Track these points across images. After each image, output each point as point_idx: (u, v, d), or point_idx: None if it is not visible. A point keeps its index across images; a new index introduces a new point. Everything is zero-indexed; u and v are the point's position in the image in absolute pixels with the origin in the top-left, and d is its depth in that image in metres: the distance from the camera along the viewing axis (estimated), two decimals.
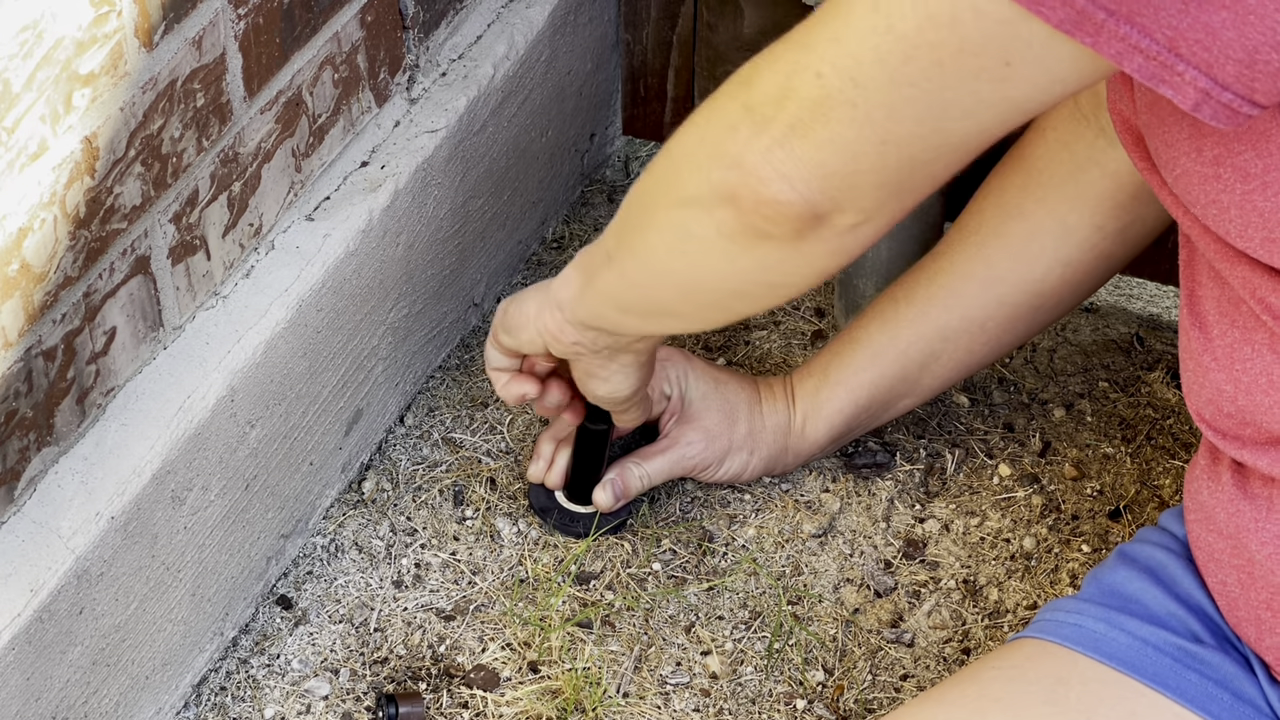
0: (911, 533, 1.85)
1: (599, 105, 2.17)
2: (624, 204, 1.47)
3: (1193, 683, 1.38)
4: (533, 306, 1.63)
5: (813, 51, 1.21)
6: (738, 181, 1.27)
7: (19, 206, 1.37)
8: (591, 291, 1.54)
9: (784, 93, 1.23)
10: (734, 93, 1.28)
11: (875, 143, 1.21)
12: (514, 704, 1.69)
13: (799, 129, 1.23)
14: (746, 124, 1.26)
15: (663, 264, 1.41)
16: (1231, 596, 1.38)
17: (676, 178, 1.34)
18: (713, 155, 1.29)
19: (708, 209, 1.31)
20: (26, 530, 1.48)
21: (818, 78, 1.21)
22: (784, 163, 1.24)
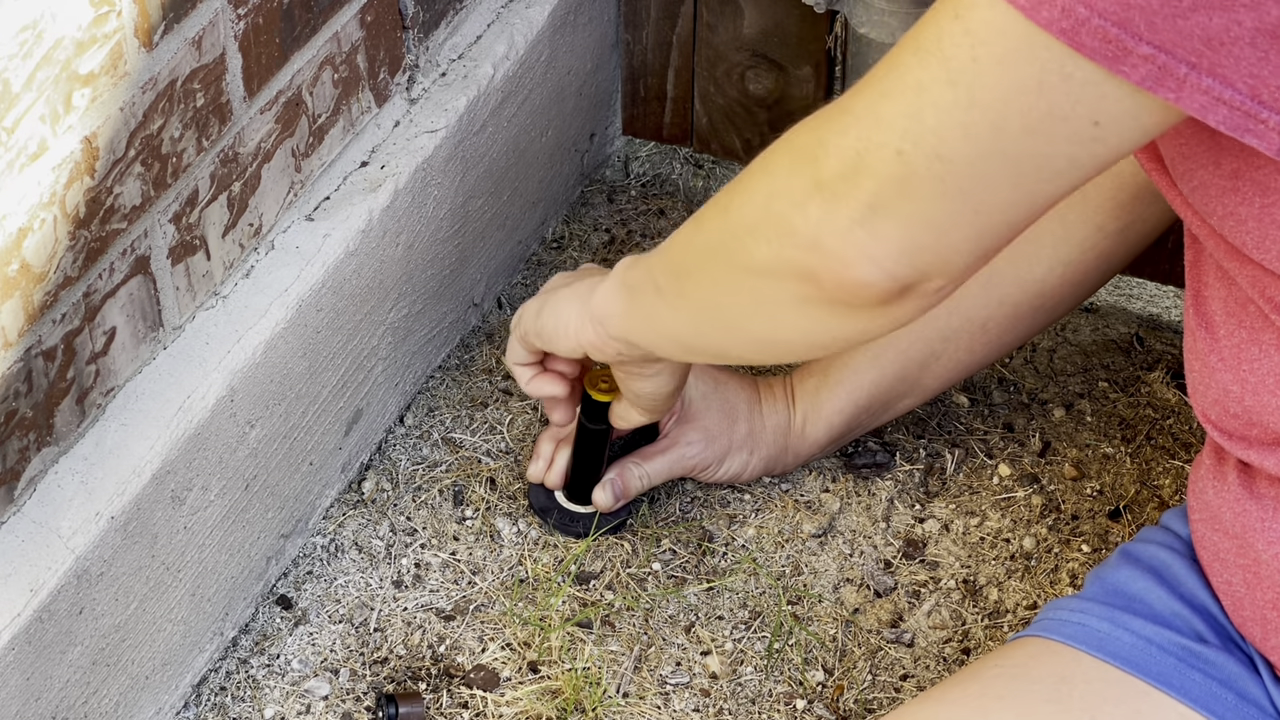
0: (911, 533, 1.85)
1: (599, 105, 2.17)
2: (677, 245, 1.45)
3: (1197, 682, 1.38)
4: (572, 318, 1.61)
5: (888, 128, 1.20)
6: (817, 263, 1.26)
7: (19, 206, 1.37)
8: (639, 319, 1.53)
9: (857, 170, 1.21)
10: (798, 165, 1.26)
11: (967, 213, 1.21)
12: (514, 704, 1.69)
13: (881, 208, 1.21)
14: (817, 202, 1.24)
15: (734, 320, 1.40)
16: (1237, 596, 1.38)
17: (740, 245, 1.33)
18: (782, 231, 1.27)
19: (781, 281, 1.30)
20: (26, 530, 1.48)
21: (898, 155, 1.19)
22: (867, 243, 1.23)
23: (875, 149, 1.21)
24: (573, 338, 1.61)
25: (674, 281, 1.46)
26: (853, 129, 1.22)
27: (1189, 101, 1.12)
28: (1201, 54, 1.11)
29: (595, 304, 1.58)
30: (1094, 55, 1.12)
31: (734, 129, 2.15)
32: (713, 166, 2.19)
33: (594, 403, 1.76)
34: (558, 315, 1.63)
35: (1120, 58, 1.12)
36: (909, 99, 1.19)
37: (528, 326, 1.68)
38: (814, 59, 2.06)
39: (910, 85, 1.19)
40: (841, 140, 1.23)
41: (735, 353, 1.52)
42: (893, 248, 1.23)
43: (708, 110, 2.15)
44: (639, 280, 1.52)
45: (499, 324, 2.04)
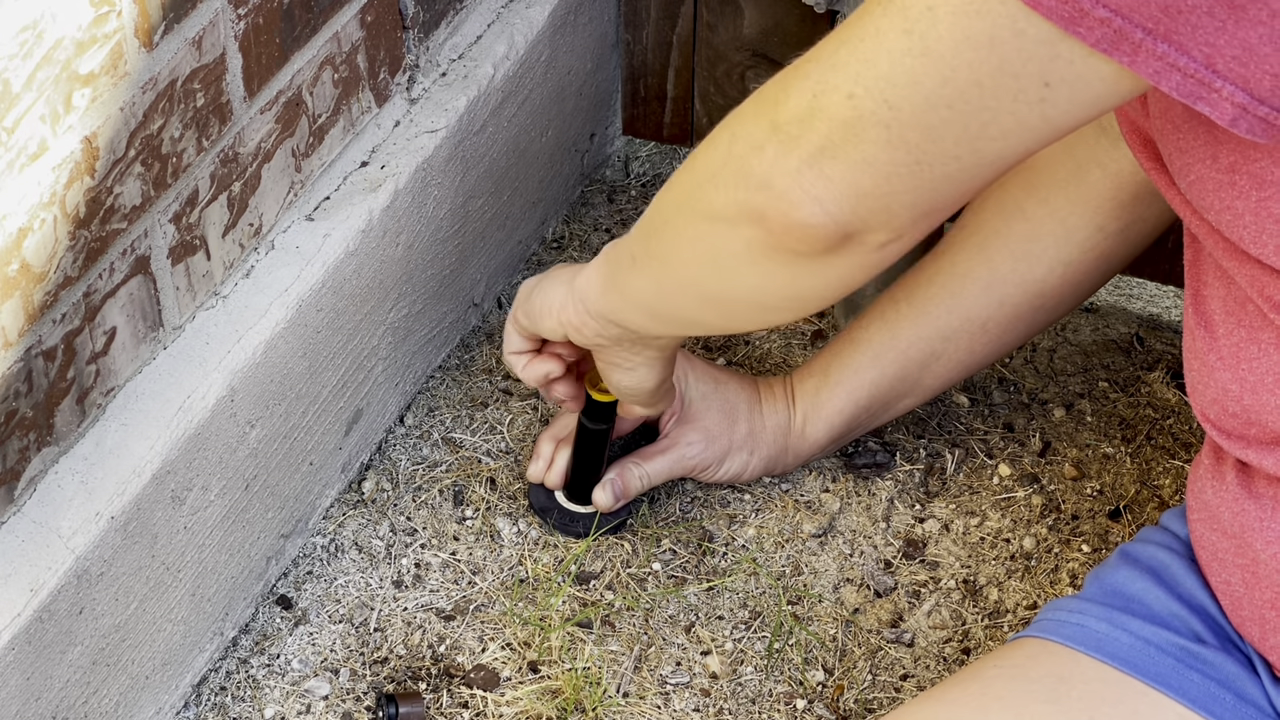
0: (911, 533, 1.85)
1: (599, 105, 2.17)
2: (649, 209, 1.47)
3: (1195, 683, 1.38)
4: (557, 297, 1.63)
5: (842, 72, 1.21)
6: (766, 203, 1.27)
7: (19, 206, 1.37)
8: (615, 290, 1.55)
9: (812, 112, 1.23)
10: (761, 110, 1.28)
11: (909, 164, 1.22)
12: (514, 704, 1.69)
13: (829, 150, 1.23)
14: (773, 143, 1.26)
15: (690, 275, 1.42)
16: (1235, 596, 1.38)
17: (702, 192, 1.34)
18: (739, 174, 1.29)
19: (734, 226, 1.31)
20: (26, 530, 1.48)
21: (849, 99, 1.21)
22: (814, 184, 1.24)
23: (829, 91, 1.22)
24: (554, 315, 1.63)
25: (645, 244, 1.47)
26: (813, 73, 1.24)
27: (1143, 66, 1.12)
28: (1159, 20, 1.11)
29: (579, 282, 1.60)
30: (1050, 14, 1.12)
31: None
32: None
33: (594, 402, 1.76)
34: (545, 294, 1.64)
35: (1077, 19, 1.12)
36: (866, 45, 1.20)
37: (518, 304, 1.69)
38: None
39: (869, 32, 1.20)
40: (802, 84, 1.24)
41: (692, 314, 1.51)
42: (836, 190, 1.24)
43: (708, 110, 2.15)
44: (618, 254, 1.54)
45: (499, 324, 2.04)
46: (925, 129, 1.20)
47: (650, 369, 1.67)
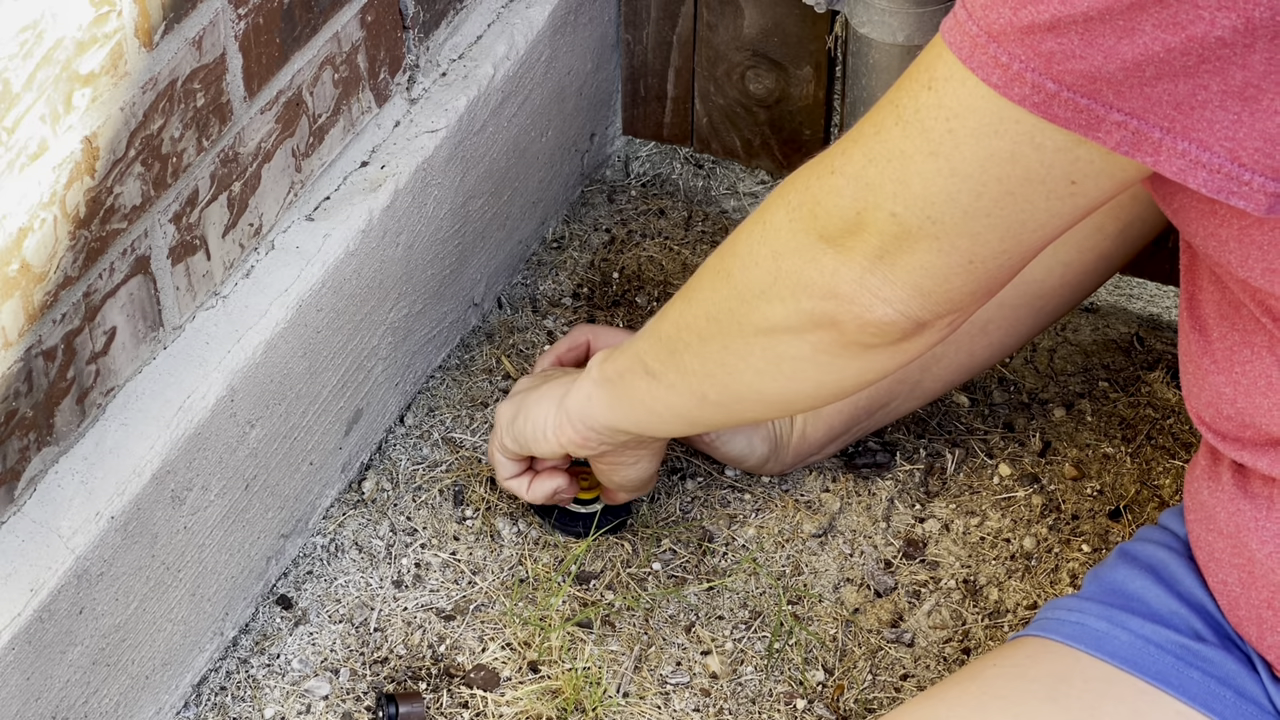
0: (911, 533, 1.85)
1: (599, 105, 2.17)
2: (665, 326, 1.50)
3: (1195, 680, 1.38)
4: (548, 420, 1.66)
5: (879, 192, 1.26)
6: (836, 308, 1.32)
7: (19, 206, 1.37)
8: (627, 405, 1.58)
9: (860, 225, 1.28)
10: (799, 224, 1.33)
11: (963, 264, 1.27)
12: (514, 704, 1.69)
13: (886, 257, 1.28)
14: (828, 254, 1.31)
15: (745, 382, 1.46)
16: (1233, 596, 1.38)
17: (753, 309, 1.38)
18: (797, 286, 1.34)
19: (800, 334, 1.36)
20: (26, 530, 1.48)
21: (893, 217, 1.26)
22: (880, 288, 1.30)
23: (871, 210, 1.27)
24: (552, 440, 1.66)
25: (670, 359, 1.50)
26: (846, 192, 1.29)
27: (1167, 165, 1.15)
28: (1173, 119, 1.14)
29: (572, 404, 1.63)
30: (1067, 124, 1.16)
31: (734, 129, 2.15)
32: (713, 166, 2.19)
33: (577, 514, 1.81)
34: (531, 420, 1.68)
35: (1094, 125, 1.16)
36: (895, 166, 1.25)
37: (502, 433, 1.72)
38: (814, 59, 2.06)
39: (895, 153, 1.25)
40: (838, 201, 1.29)
41: (744, 416, 1.59)
42: (902, 291, 1.30)
43: (708, 110, 2.15)
44: (621, 369, 1.57)
45: (499, 324, 2.04)
46: (971, 236, 1.25)
47: (652, 459, 1.72)
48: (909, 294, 1.29)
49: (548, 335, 2.03)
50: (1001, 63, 1.16)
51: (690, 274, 2.10)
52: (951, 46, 1.19)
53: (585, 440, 1.64)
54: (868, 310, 1.31)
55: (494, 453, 1.75)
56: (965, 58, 1.18)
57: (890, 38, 1.86)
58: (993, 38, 1.17)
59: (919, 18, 1.85)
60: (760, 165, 2.16)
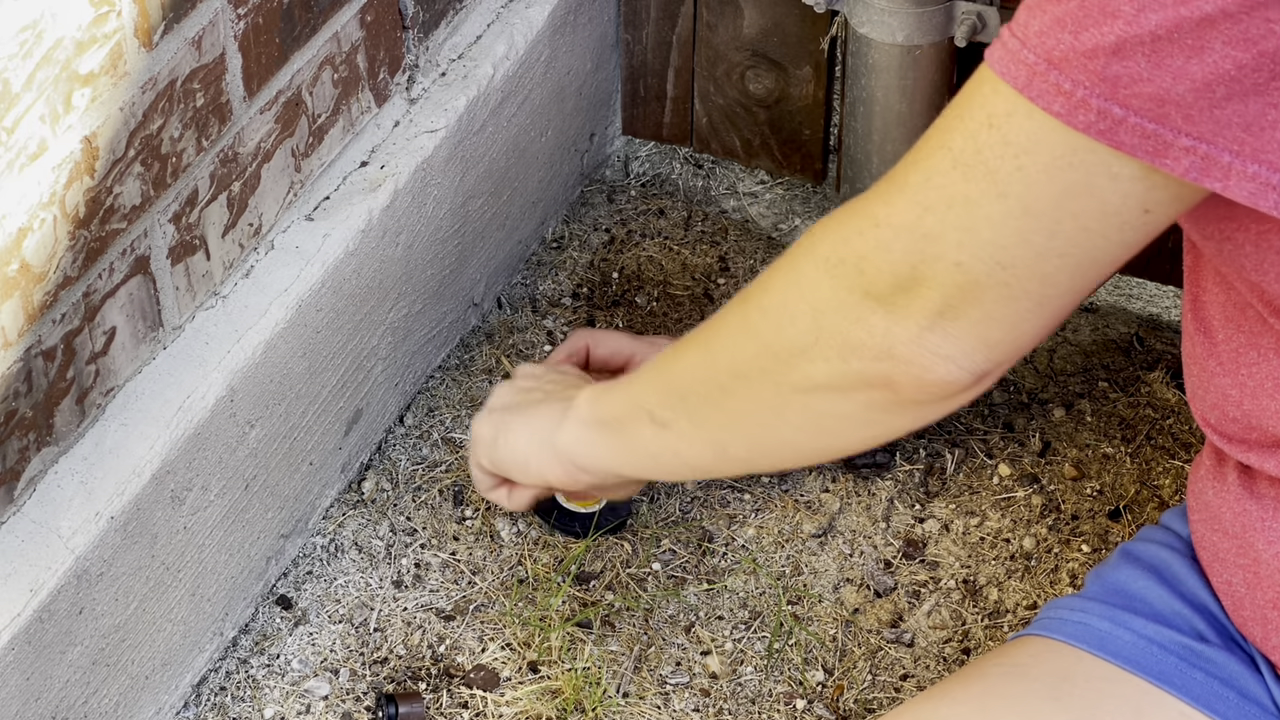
0: (911, 533, 1.85)
1: (599, 105, 2.17)
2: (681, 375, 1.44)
3: (1198, 681, 1.38)
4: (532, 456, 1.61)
5: (941, 241, 1.20)
6: (892, 370, 1.26)
7: (19, 206, 1.37)
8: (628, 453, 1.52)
9: (916, 281, 1.22)
10: (841, 281, 1.26)
11: (1032, 308, 1.22)
12: (514, 704, 1.69)
13: (949, 313, 1.22)
14: (877, 314, 1.25)
15: (785, 440, 1.40)
16: (1237, 596, 1.38)
17: (791, 368, 1.32)
18: (842, 347, 1.28)
19: (846, 393, 1.30)
20: (26, 530, 1.48)
21: (958, 266, 1.21)
22: (941, 345, 1.24)
23: (931, 262, 1.21)
24: (534, 475, 1.62)
25: (684, 409, 1.44)
26: (897, 245, 1.22)
27: (1237, 190, 1.12)
28: (1243, 141, 1.11)
29: (563, 445, 1.58)
30: (1135, 151, 1.12)
31: (734, 129, 2.15)
32: (712, 166, 2.19)
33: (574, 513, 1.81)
34: (513, 451, 1.63)
35: (1162, 152, 1.12)
36: (959, 213, 1.19)
37: (482, 456, 1.68)
38: (814, 59, 2.06)
39: (957, 199, 1.19)
40: (888, 256, 1.23)
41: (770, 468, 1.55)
42: (967, 345, 1.24)
43: (708, 110, 2.15)
44: (620, 414, 1.51)
45: (499, 324, 2.04)
46: (1042, 278, 1.20)
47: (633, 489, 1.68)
48: (974, 347, 1.24)
49: (547, 335, 2.03)
50: (1064, 90, 1.13)
51: (690, 274, 2.10)
52: (1006, 77, 1.15)
53: (573, 481, 1.60)
54: (927, 371, 1.25)
55: (471, 466, 1.72)
56: (1023, 87, 1.14)
57: (890, 38, 1.86)
58: (1053, 64, 1.13)
59: (919, 18, 1.85)
60: (760, 165, 2.16)
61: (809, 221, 2.16)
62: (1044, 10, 1.14)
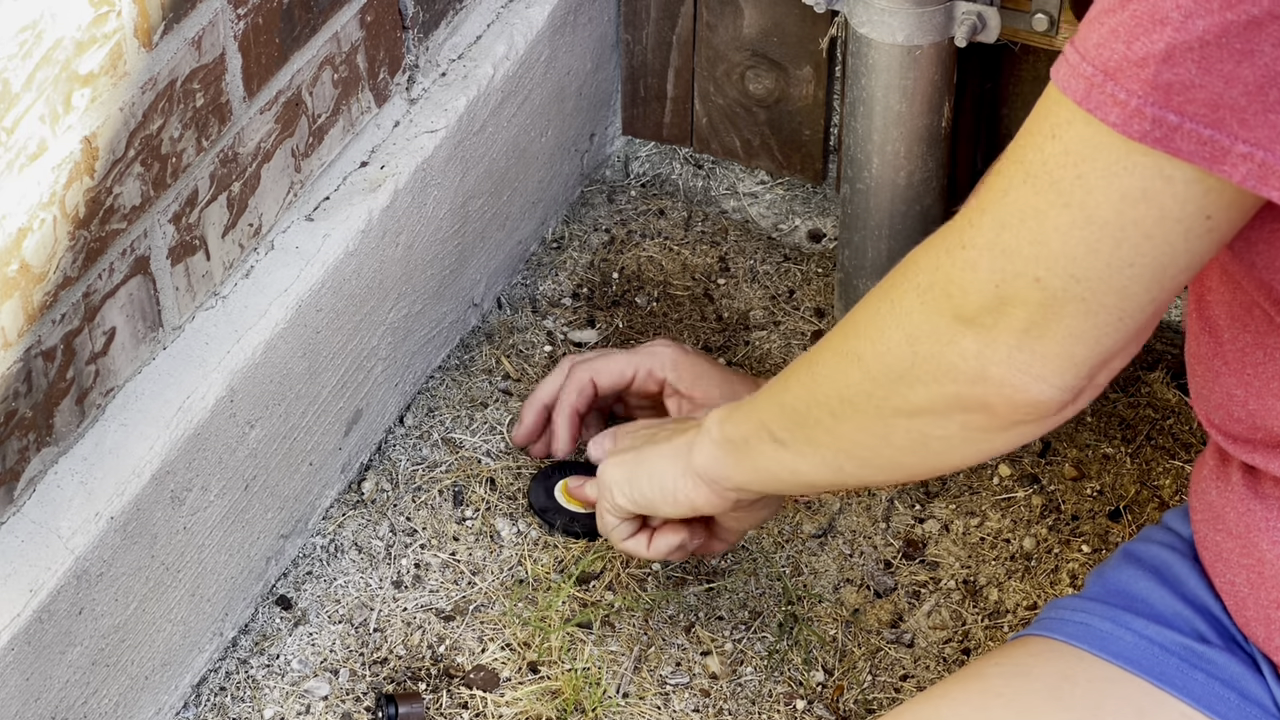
0: (911, 533, 1.85)
1: (599, 105, 2.17)
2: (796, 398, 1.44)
3: (1199, 682, 1.38)
4: (678, 483, 1.60)
5: (1017, 257, 1.21)
6: (987, 393, 1.27)
7: (18, 206, 1.37)
8: (753, 470, 1.53)
9: (1001, 300, 1.23)
10: (931, 305, 1.28)
11: (1113, 321, 1.22)
12: (514, 704, 1.69)
13: (1034, 331, 1.23)
14: (969, 336, 1.26)
15: (893, 460, 1.42)
16: (1240, 596, 1.38)
17: (890, 392, 1.33)
18: (938, 371, 1.29)
19: (946, 416, 1.31)
20: (26, 530, 1.48)
21: (1036, 282, 1.21)
22: (1032, 365, 1.24)
23: (1011, 279, 1.22)
24: (683, 503, 1.61)
25: (800, 431, 1.45)
26: (981, 264, 1.23)
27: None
28: None
29: (700, 465, 1.57)
30: (1193, 158, 1.13)
31: (734, 129, 2.15)
32: (713, 166, 2.19)
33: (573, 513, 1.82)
34: (658, 482, 1.62)
35: (1219, 158, 1.12)
36: (1029, 226, 1.20)
37: (623, 500, 1.65)
38: (814, 59, 2.06)
39: (1027, 212, 1.20)
40: (973, 275, 1.24)
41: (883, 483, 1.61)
42: (1056, 364, 1.24)
43: (708, 110, 2.15)
44: (746, 434, 1.52)
45: (499, 324, 2.04)
46: (1117, 291, 1.20)
47: (772, 508, 1.67)
48: (1063, 365, 1.24)
49: (547, 335, 2.03)
50: (1119, 100, 1.13)
51: (690, 274, 2.10)
52: (1066, 91, 1.16)
53: (723, 500, 1.59)
54: (1021, 391, 1.26)
55: (604, 515, 1.69)
56: (1081, 99, 1.15)
57: (890, 38, 1.86)
58: (1109, 75, 1.13)
59: (919, 18, 1.85)
60: (760, 165, 2.16)
61: (809, 222, 2.16)
62: (1100, 23, 1.14)
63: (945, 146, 1.94)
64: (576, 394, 1.82)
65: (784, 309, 2.07)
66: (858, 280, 2.01)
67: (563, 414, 1.82)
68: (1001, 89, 1.99)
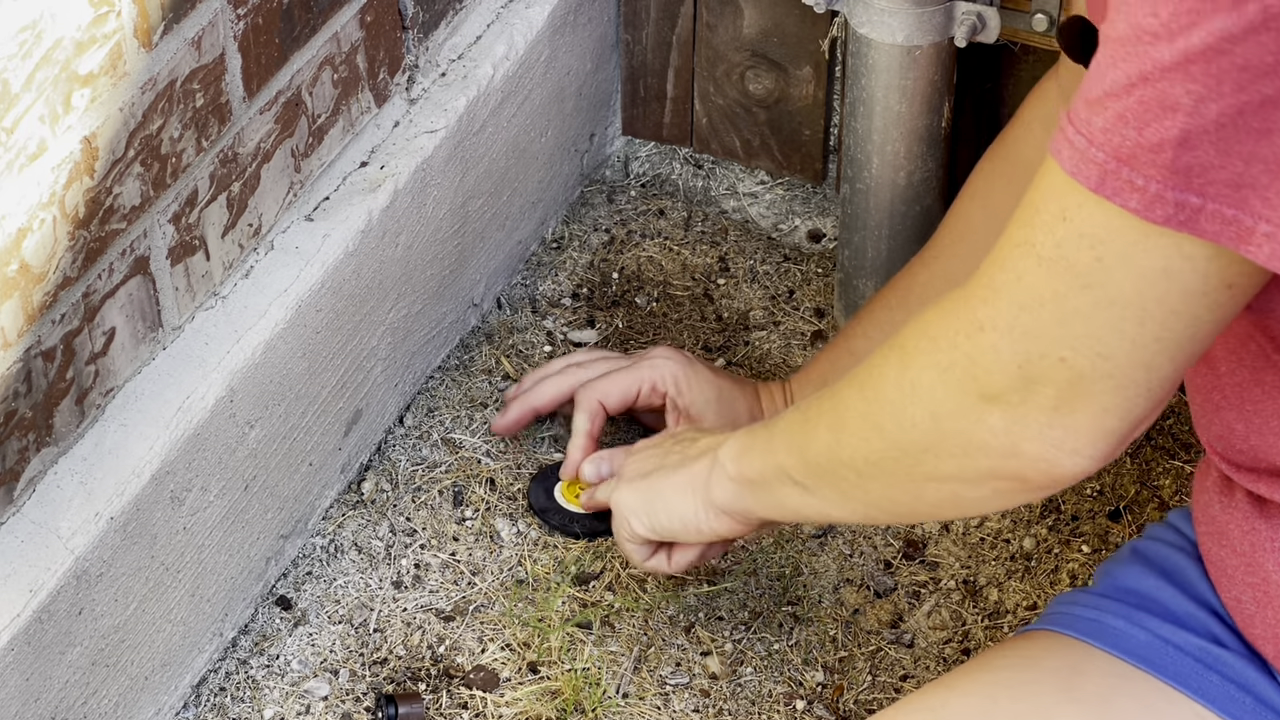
0: (911, 533, 1.85)
1: (599, 105, 2.17)
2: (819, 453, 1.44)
3: (1214, 683, 1.37)
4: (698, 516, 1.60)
5: (1041, 339, 1.21)
6: (1020, 467, 1.27)
7: (18, 207, 1.37)
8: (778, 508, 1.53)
9: (1027, 380, 1.23)
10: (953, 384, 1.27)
11: (1143, 392, 1.22)
12: (513, 704, 1.69)
13: (1064, 407, 1.22)
14: (996, 414, 1.25)
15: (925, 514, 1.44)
16: (1247, 614, 1.37)
17: (919, 463, 1.33)
18: (967, 446, 1.28)
19: (979, 484, 1.31)
20: (26, 530, 1.48)
21: (1062, 363, 1.21)
22: (1065, 439, 1.24)
23: (1036, 360, 1.21)
24: (707, 533, 1.60)
25: (824, 482, 1.45)
26: (1004, 347, 1.23)
27: None
28: None
29: (720, 501, 1.57)
30: (1216, 238, 1.12)
31: (734, 129, 2.15)
32: (712, 167, 2.19)
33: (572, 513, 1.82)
34: (675, 515, 1.61)
35: (1244, 237, 1.11)
36: (1051, 309, 1.19)
37: (642, 530, 1.65)
38: (814, 59, 2.06)
39: (1048, 295, 1.19)
40: (997, 359, 1.23)
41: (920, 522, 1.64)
42: (1089, 437, 1.23)
43: (707, 110, 2.15)
44: (764, 475, 1.51)
45: (499, 324, 2.04)
46: (1144, 365, 1.20)
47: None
48: (1096, 437, 1.23)
49: (547, 335, 2.03)
50: (1138, 185, 1.12)
51: (690, 274, 2.10)
52: (1076, 176, 1.14)
53: (748, 528, 1.59)
54: (1056, 465, 1.25)
55: (623, 542, 1.69)
56: (1095, 185, 1.13)
57: (890, 38, 1.86)
58: (1123, 161, 1.12)
59: (919, 18, 1.85)
60: (760, 165, 2.16)
61: (809, 222, 2.16)
62: (1105, 106, 1.12)
63: (945, 146, 1.94)
64: (589, 419, 1.82)
65: (784, 309, 2.07)
66: (858, 280, 2.01)
67: (578, 442, 1.82)
68: (1001, 89, 1.99)
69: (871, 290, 1.97)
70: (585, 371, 1.85)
